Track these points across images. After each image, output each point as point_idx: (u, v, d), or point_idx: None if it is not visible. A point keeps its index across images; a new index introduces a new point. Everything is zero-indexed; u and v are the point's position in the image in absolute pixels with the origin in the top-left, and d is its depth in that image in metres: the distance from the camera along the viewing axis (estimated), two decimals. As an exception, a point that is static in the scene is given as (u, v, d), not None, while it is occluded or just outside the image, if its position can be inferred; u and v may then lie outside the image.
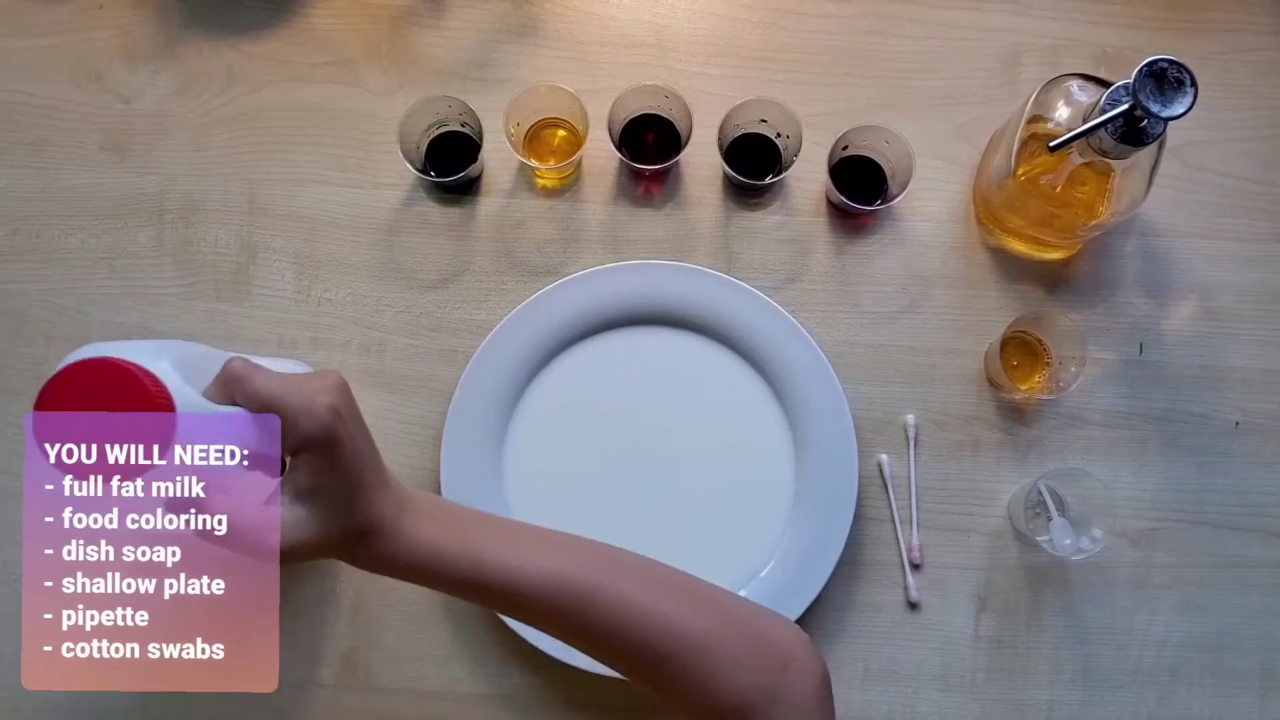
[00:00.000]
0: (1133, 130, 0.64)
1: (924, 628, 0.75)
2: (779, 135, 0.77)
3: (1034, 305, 0.77)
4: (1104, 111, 0.64)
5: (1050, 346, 0.76)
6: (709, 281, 0.76)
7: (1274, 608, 0.76)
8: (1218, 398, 0.77)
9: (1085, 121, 0.65)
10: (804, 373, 0.75)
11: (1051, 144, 0.65)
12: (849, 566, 0.75)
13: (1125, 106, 0.62)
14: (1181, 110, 0.61)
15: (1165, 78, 0.61)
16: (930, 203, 0.79)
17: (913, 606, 0.75)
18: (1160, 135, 0.65)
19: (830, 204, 0.78)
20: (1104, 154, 0.66)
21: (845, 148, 0.76)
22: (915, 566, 0.76)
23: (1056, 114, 0.69)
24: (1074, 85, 0.69)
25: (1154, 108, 0.61)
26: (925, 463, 0.76)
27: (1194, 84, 0.61)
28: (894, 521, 0.76)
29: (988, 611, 0.75)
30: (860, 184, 0.77)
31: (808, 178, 0.79)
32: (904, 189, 0.73)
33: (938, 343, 0.77)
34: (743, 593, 0.74)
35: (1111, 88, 0.64)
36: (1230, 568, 0.76)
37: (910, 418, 0.76)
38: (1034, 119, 0.69)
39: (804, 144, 0.74)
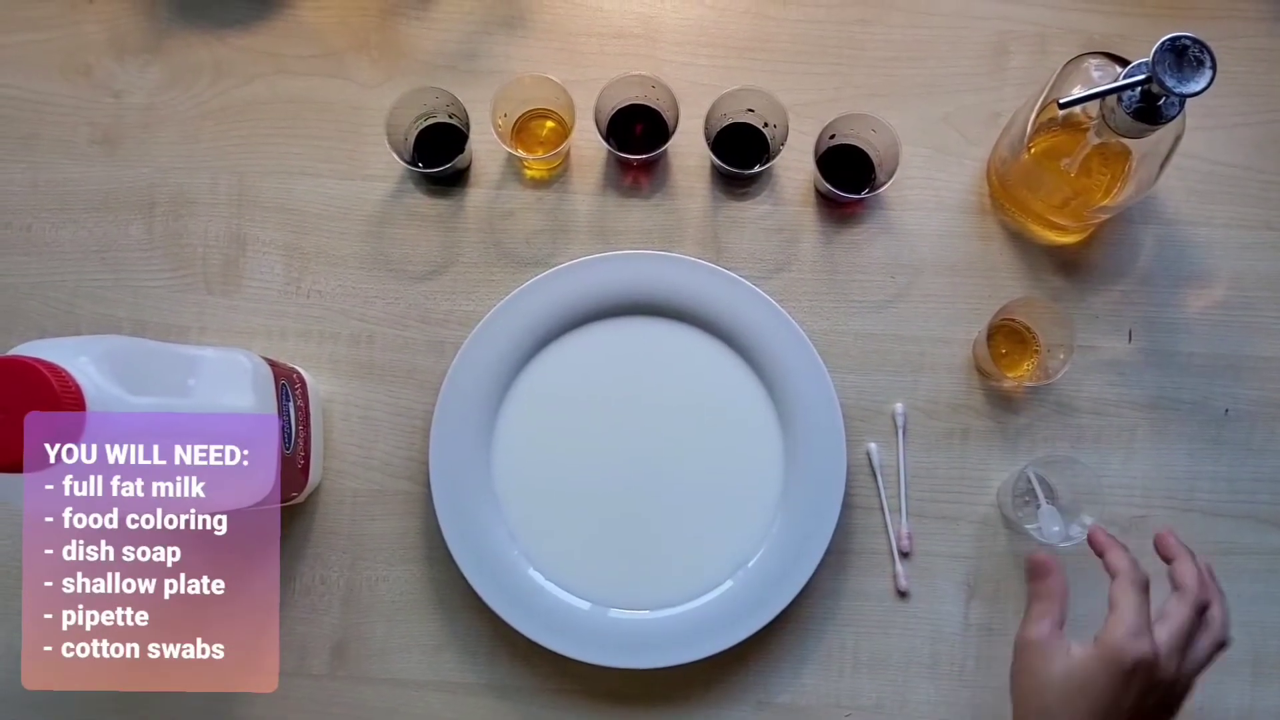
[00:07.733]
0: (1149, 108, 0.63)
1: (913, 616, 0.75)
2: (766, 124, 0.77)
3: (1022, 293, 0.77)
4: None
5: (1039, 334, 0.76)
6: (697, 271, 0.76)
7: (1265, 594, 0.76)
8: (1207, 385, 0.77)
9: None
10: (792, 362, 0.75)
11: (1061, 100, 0.64)
12: (838, 555, 0.75)
13: (1140, 77, 0.62)
14: (1198, 88, 0.60)
15: (1186, 55, 0.60)
16: (918, 191, 0.79)
17: (902, 595, 0.75)
18: (1176, 115, 0.63)
19: (818, 193, 0.78)
20: (1118, 132, 0.65)
21: (832, 136, 0.76)
22: (904, 555, 0.76)
23: (1074, 94, 0.68)
24: (1092, 65, 0.68)
25: (1170, 83, 0.60)
26: (914, 451, 0.76)
27: (1214, 65, 0.60)
28: (883, 510, 0.76)
29: (977, 599, 0.75)
30: (848, 173, 0.77)
31: (795, 167, 0.79)
32: (891, 177, 0.73)
33: (926, 331, 0.77)
34: (731, 582, 0.74)
35: (1131, 64, 0.63)
36: (1220, 555, 0.75)
37: (899, 406, 0.76)
38: (1054, 102, 0.68)
39: (791, 133, 0.74)
